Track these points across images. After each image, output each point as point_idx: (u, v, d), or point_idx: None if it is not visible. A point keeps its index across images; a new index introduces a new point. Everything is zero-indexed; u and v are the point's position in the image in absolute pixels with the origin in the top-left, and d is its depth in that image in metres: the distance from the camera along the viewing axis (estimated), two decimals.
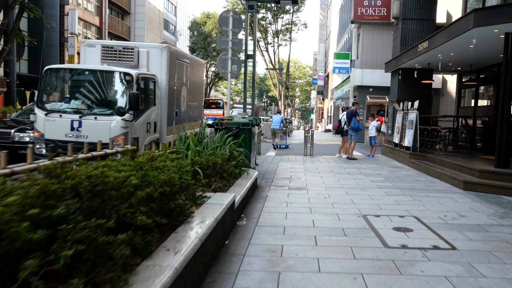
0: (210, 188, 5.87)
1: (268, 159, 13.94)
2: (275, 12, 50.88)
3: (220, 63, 11.75)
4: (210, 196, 4.95)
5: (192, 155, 6.36)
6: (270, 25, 53.03)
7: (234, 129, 9.06)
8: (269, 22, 52.77)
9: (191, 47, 60.28)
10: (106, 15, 42.22)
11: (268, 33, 53.53)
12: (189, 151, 6.48)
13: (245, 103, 13.40)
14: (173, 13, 69.82)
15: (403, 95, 14.96)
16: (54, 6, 33.20)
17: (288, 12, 51.67)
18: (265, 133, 26.93)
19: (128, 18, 50.81)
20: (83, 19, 37.94)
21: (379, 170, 11.39)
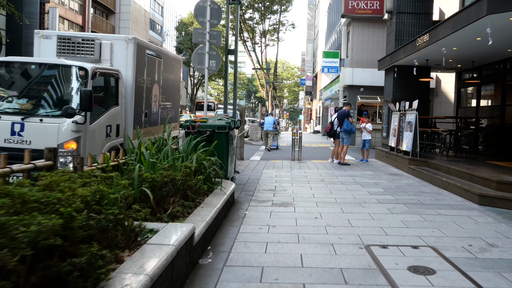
0: (165, 213, 4.47)
1: (252, 165, 12.56)
2: (263, 12, 49.65)
3: (196, 58, 10.35)
4: (158, 229, 3.56)
5: (145, 168, 4.96)
6: (258, 25, 51.83)
7: (208, 133, 7.68)
8: (256, 22, 51.56)
9: (178, 48, 59.31)
10: (90, 14, 40.75)
11: (256, 33, 52.29)
12: (142, 164, 5.08)
13: (225, 103, 12.01)
14: (160, 13, 68.44)
15: (398, 94, 13.68)
16: (34, 4, 31.63)
17: (275, 12, 50.50)
18: (251, 135, 25.59)
19: (113, 17, 49.19)
20: (65, 17, 36.33)
21: (376, 179, 10.07)
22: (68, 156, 7.09)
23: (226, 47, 11.56)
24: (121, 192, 3.19)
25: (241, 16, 50.25)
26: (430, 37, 9.67)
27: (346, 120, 12.92)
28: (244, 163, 12.88)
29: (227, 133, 7.73)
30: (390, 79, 14.16)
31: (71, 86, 7.55)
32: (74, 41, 8.90)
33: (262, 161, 13.73)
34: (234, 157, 8.87)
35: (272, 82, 50.94)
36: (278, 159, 14.98)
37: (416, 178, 10.28)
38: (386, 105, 14.36)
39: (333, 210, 6.58)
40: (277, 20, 51.78)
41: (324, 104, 37.16)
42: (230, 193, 6.47)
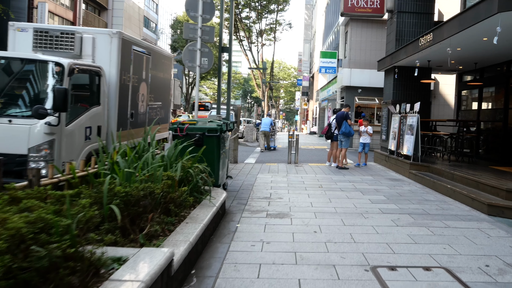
0: (141, 232, 3.90)
1: (246, 168, 12.00)
2: (259, 11, 49.13)
3: (187, 55, 9.78)
4: (128, 257, 2.99)
5: (120, 179, 4.39)
6: (254, 24, 51.30)
7: (198, 136, 7.11)
8: (253, 21, 51.03)
9: (173, 46, 58.60)
10: (81, 10, 39.93)
11: (252, 32, 51.76)
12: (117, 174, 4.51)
13: (218, 104, 11.44)
14: (155, 10, 67.71)
15: (398, 96, 13.16)
16: None
17: (272, 11, 50.00)
18: (246, 136, 25.05)
19: (106, 14, 48.44)
20: (55, 13, 35.55)
21: (376, 185, 9.53)
22: (40, 162, 6.49)
23: (220, 44, 11.00)
24: (79, 215, 2.62)
25: (238, 15, 49.72)
26: (434, 36, 9.14)
27: (345, 123, 12.39)
28: (238, 167, 12.32)
29: (219, 136, 7.17)
30: (390, 80, 13.64)
31: (45, 83, 6.93)
32: (52, 35, 8.28)
33: (257, 164, 13.17)
34: (226, 161, 8.31)
35: (268, 82, 50.41)
36: (273, 162, 14.43)
37: (418, 184, 9.75)
38: (386, 107, 13.84)
39: (333, 222, 6.03)
40: (274, 19, 51.29)
41: (321, 105, 36.66)
42: (220, 203, 5.90)
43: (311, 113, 49.10)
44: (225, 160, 8.02)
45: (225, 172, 8.14)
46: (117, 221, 3.62)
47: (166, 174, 4.80)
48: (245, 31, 49.92)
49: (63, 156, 6.75)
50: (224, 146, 7.80)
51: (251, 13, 50.67)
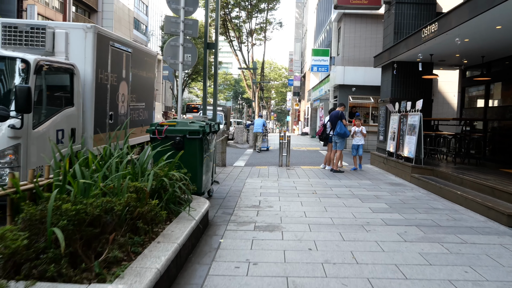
0: (97, 259, 3.07)
1: (235, 172, 11.17)
2: (249, 10, 48.34)
3: (169, 50, 8.95)
4: None
5: (75, 193, 3.54)
6: (244, 24, 50.50)
7: (178, 139, 6.27)
8: (242, 21, 50.23)
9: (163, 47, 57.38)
10: (71, 12, 39.08)
11: (242, 32, 50.96)
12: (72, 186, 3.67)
13: (204, 104, 10.61)
14: (144, 12, 66.72)
15: (397, 93, 12.40)
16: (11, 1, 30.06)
17: (262, 10, 49.24)
18: (236, 137, 24.23)
19: (96, 16, 47.44)
20: (45, 15, 34.65)
21: (376, 190, 8.73)
22: (5, 168, 5.67)
23: (205, 40, 10.17)
24: None
25: (227, 14, 48.93)
26: (440, 26, 8.36)
27: (340, 123, 11.61)
28: (226, 170, 11.49)
29: (201, 139, 6.34)
30: (387, 77, 12.88)
31: (9, 82, 6.12)
32: (21, 30, 7.46)
33: (246, 168, 12.35)
34: (211, 165, 7.48)
35: (259, 82, 49.62)
36: (264, 164, 13.62)
37: (422, 189, 8.97)
38: (384, 105, 13.08)
39: (330, 237, 5.22)
40: (264, 18, 50.52)
41: (313, 105, 35.92)
42: (201, 216, 5.06)
43: (303, 113, 48.38)
44: (209, 165, 7.19)
45: (209, 177, 7.31)
46: (67, 246, 2.80)
47: (133, 185, 3.96)
48: (235, 31, 49.12)
49: (32, 162, 5.97)
50: (209, 149, 6.98)
51: (241, 12, 49.91)
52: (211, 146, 7.20)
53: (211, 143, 7.19)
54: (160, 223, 4.29)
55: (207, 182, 6.97)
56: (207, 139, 6.77)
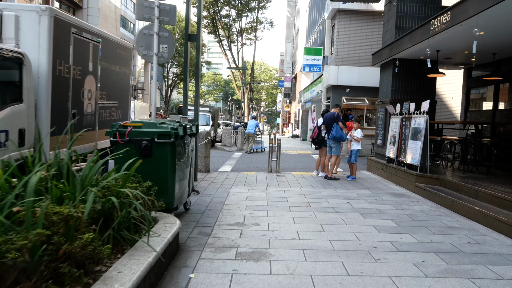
0: None
1: (219, 179, 10.03)
2: (239, 9, 47.24)
3: (142, 40, 7.79)
4: None
5: None
6: (234, 23, 49.37)
7: (145, 143, 5.12)
8: (232, 19, 49.10)
9: None
10: None
11: (232, 31, 49.85)
12: None
13: (185, 103, 9.46)
14: (132, 10, 65.10)
15: (398, 94, 11.34)
16: None
17: (253, 9, 48.16)
18: (224, 139, 23.09)
19: (80, 12, 45.87)
20: None
21: (378, 202, 7.64)
22: None
23: (186, 30, 9.03)
24: None
25: (217, 13, 47.79)
26: (454, 16, 7.30)
27: (335, 125, 10.53)
28: (210, 177, 10.34)
29: (173, 143, 5.19)
30: (387, 75, 11.82)
31: None
32: None
33: (232, 174, 11.21)
34: (188, 173, 6.32)
35: (249, 83, 48.51)
36: (252, 170, 12.51)
37: (430, 201, 7.90)
38: (383, 107, 12.02)
39: (331, 269, 4.11)
40: (254, 17, 49.45)
41: (304, 107, 34.89)
42: (167, 243, 3.92)
43: (294, 115, 47.36)
44: (185, 173, 6.04)
45: (186, 188, 6.17)
46: None
47: (59, 212, 2.81)
48: (225, 30, 47.98)
49: None
50: (184, 155, 5.83)
51: (231, 11, 48.80)
52: (187, 151, 6.05)
53: (187, 148, 6.04)
54: (104, 259, 3.16)
55: (181, 194, 5.83)
56: (182, 143, 5.63)
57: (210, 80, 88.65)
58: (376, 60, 12.39)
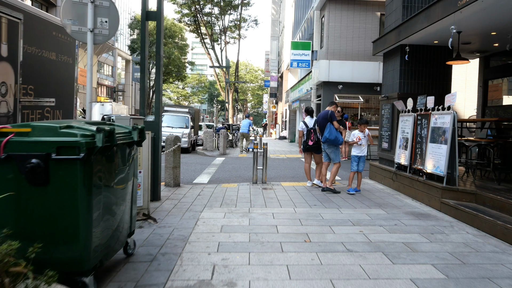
0: None
1: (190, 196, 7.94)
2: (222, 6, 45.15)
3: (69, 11, 5.68)
4: None
5: None
6: (217, 21, 47.27)
7: (34, 162, 3.02)
8: (215, 17, 46.99)
9: (131, 47, 54.13)
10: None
11: (215, 29, 47.72)
12: None
13: (142, 101, 7.38)
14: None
15: (408, 87, 9.37)
16: None
17: (236, 7, 46.12)
18: (205, 143, 20.99)
19: (54, 10, 43.26)
20: None
21: (401, 230, 5.62)
22: None
23: (143, 8, 6.96)
24: None
25: (199, 11, 45.69)
26: None
27: (329, 126, 8.55)
28: (179, 194, 8.23)
29: (86, 160, 3.09)
30: (393, 66, 9.84)
31: None
32: None
33: (209, 187, 9.13)
34: (127, 203, 4.19)
35: (233, 82, 46.42)
36: (233, 180, 10.52)
37: (467, 225, 5.92)
38: (388, 103, 10.04)
39: None
40: (238, 15, 47.42)
41: (292, 107, 32.92)
42: None
43: (280, 116, 45.39)
44: (120, 204, 3.92)
45: (122, 225, 4.06)
46: None
47: None
48: (207, 28, 45.87)
49: None
50: (117, 176, 3.75)
51: (213, 9, 46.68)
52: (122, 169, 3.94)
53: (122, 164, 3.94)
54: None
55: (111, 239, 3.72)
56: (109, 157, 3.55)
57: (194, 81, 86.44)
58: (378, 49, 10.41)
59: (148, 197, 6.22)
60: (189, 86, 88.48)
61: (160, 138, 7.44)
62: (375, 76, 17.85)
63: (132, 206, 4.28)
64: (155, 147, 7.35)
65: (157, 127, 7.43)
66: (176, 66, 58.18)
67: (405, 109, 8.72)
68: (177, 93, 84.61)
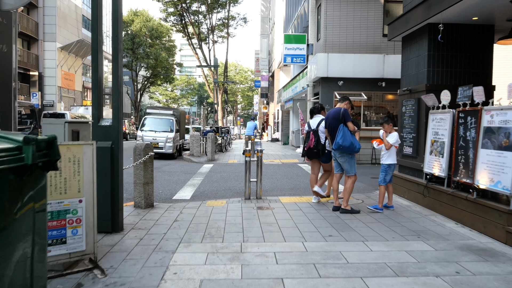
0: None
1: (164, 222, 5.99)
2: (210, 4, 43.22)
3: None
4: None
5: None
6: (205, 19, 45.32)
7: None
8: (203, 15, 45.05)
9: None
10: None
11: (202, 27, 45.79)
12: None
13: (95, 95, 5.43)
14: None
15: (440, 77, 7.47)
16: None
17: (224, 5, 44.23)
18: (192, 148, 19.02)
19: (36, 12, 41.14)
20: None
21: (471, 284, 3.74)
22: None
23: None
24: None
25: (186, 9, 43.74)
26: None
27: (342, 128, 6.66)
28: (149, 219, 6.25)
29: None
30: (418, 51, 7.93)
31: None
32: None
33: (190, 206, 7.18)
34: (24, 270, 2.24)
35: (222, 82, 44.44)
36: (222, 194, 8.70)
37: None
38: (412, 98, 8.14)
39: None
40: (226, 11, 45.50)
41: (285, 107, 31.03)
42: None
43: (272, 117, 43.49)
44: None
45: None
46: None
47: None
48: (194, 27, 43.91)
49: None
50: None
51: (201, 7, 44.72)
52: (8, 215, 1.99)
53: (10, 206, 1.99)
54: None
55: None
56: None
57: (183, 83, 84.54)
58: (396, 32, 8.51)
59: (94, 236, 4.27)
60: (178, 88, 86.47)
61: (118, 150, 5.49)
62: (379, 70, 16.01)
63: (34, 269, 2.32)
64: (113, 162, 5.43)
65: (115, 133, 5.51)
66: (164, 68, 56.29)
67: (436, 105, 6.86)
68: (166, 95, 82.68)
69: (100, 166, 5.05)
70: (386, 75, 15.97)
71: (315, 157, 7.49)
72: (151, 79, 57.44)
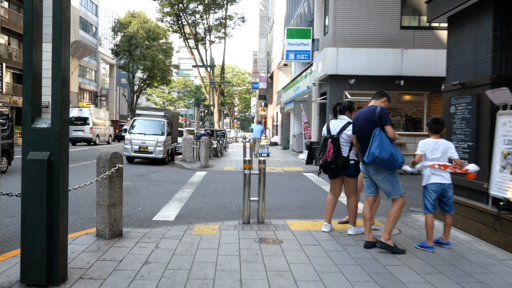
0: None
1: (127, 269, 4.07)
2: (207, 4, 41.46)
3: None
4: None
5: None
6: (202, 19, 43.58)
7: None
8: (200, 15, 43.33)
9: (114, 50, 50.80)
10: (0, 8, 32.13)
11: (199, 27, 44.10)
12: None
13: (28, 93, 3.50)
14: (94, 12, 58.96)
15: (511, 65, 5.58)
16: None
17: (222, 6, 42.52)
18: (184, 152, 17.11)
19: None
20: None
21: None
22: None
23: None
24: None
25: (183, 10, 42.02)
26: None
27: (379, 134, 4.76)
28: (109, 260, 4.30)
29: None
30: (474, 33, 5.99)
31: None
32: None
33: (171, 236, 5.28)
34: None
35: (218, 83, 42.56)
36: (214, 214, 6.93)
37: None
38: (465, 95, 6.22)
39: None
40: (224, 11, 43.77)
41: (285, 109, 29.13)
42: None
43: (271, 120, 41.61)
44: None
45: None
46: None
47: None
48: (191, 27, 42.17)
49: None
50: None
51: (198, 7, 43.01)
52: None
53: None
54: None
55: None
56: None
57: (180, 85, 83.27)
58: (442, 9, 6.58)
59: None
60: (175, 90, 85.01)
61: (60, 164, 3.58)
62: (396, 67, 14.13)
63: None
64: (52, 180, 3.61)
65: (56, 140, 3.66)
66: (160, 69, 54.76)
67: (511, 103, 4.97)
68: (163, 97, 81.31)
69: (30, 186, 3.54)
70: (405, 72, 14.08)
71: (334, 175, 5.62)
72: (148, 81, 56.17)
